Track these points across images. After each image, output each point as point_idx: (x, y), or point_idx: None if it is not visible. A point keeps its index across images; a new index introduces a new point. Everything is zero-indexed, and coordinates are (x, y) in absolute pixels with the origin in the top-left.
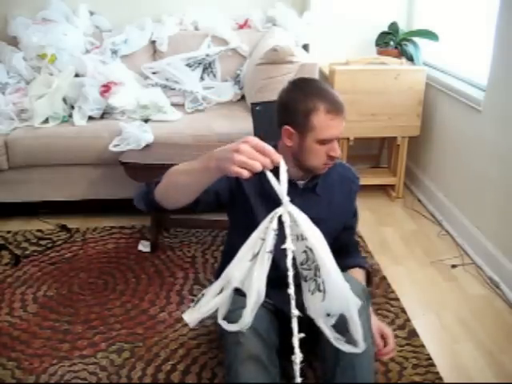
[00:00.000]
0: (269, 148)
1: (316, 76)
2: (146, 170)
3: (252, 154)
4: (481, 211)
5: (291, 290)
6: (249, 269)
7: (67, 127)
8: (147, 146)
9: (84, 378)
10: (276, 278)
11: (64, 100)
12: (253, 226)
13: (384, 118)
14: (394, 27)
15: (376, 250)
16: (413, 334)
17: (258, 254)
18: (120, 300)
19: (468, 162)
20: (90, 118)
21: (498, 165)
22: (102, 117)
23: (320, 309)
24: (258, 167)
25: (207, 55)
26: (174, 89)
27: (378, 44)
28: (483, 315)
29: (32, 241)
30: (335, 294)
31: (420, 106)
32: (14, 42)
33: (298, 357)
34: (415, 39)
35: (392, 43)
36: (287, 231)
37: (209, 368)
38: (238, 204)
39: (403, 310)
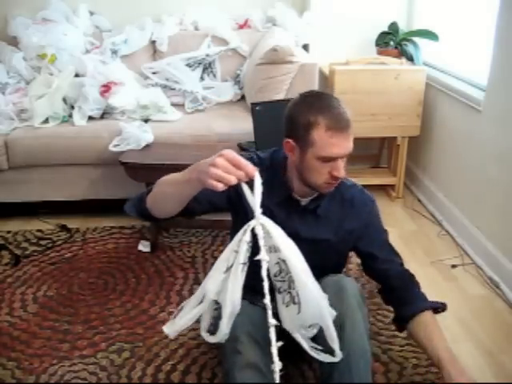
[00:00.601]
0: (244, 162)
1: (316, 76)
2: (146, 170)
3: (227, 168)
4: (481, 211)
5: (267, 300)
6: (223, 281)
7: (67, 127)
8: (147, 145)
9: (84, 378)
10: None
11: (64, 100)
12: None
13: (384, 118)
14: (394, 27)
15: None
16: None
17: (231, 266)
18: (120, 300)
19: (468, 161)
20: (90, 117)
21: (497, 165)
22: (102, 117)
23: (295, 321)
24: (233, 180)
25: (207, 55)
26: (174, 89)
27: (377, 44)
28: (483, 315)
29: (32, 241)
30: (310, 306)
31: (420, 106)
32: (14, 41)
33: (277, 365)
34: (415, 39)
35: (392, 43)
36: (261, 243)
37: (209, 368)
38: (237, 207)
39: None
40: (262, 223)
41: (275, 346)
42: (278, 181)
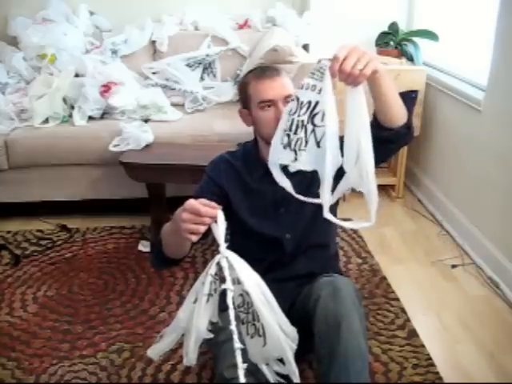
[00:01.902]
0: (203, 209)
1: None
2: (146, 170)
3: (192, 220)
4: (481, 211)
5: (233, 327)
6: (191, 310)
7: (67, 127)
8: (147, 145)
9: (84, 378)
10: (277, 261)
11: (64, 100)
12: (240, 225)
13: None
14: (394, 27)
15: (376, 249)
16: (413, 334)
17: (196, 300)
18: (120, 300)
19: (468, 161)
20: (90, 117)
21: (497, 165)
22: (102, 117)
23: (261, 353)
24: (202, 229)
25: (207, 55)
26: (174, 89)
27: (377, 44)
28: (483, 315)
29: (32, 241)
30: (273, 339)
31: (420, 106)
32: (14, 41)
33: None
34: (415, 39)
35: (392, 43)
36: (225, 273)
37: (209, 368)
38: (230, 210)
39: (403, 310)
40: (226, 256)
41: (241, 367)
42: (253, 160)
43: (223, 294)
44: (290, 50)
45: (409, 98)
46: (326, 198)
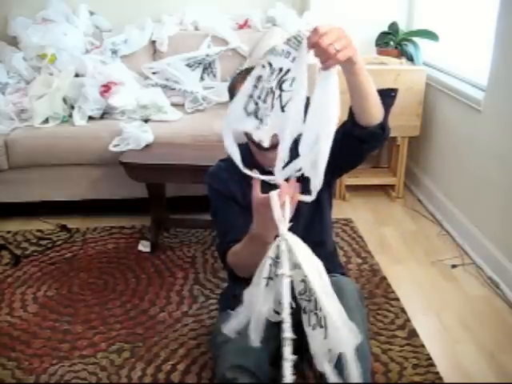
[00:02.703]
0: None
1: (316, 76)
2: (146, 170)
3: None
4: (481, 211)
5: (285, 314)
6: (252, 293)
7: (67, 127)
8: (147, 145)
9: (84, 378)
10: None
11: (64, 100)
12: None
13: None
14: (394, 27)
15: (376, 250)
16: (413, 334)
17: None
18: (120, 300)
19: (468, 161)
20: (90, 117)
21: (497, 165)
22: (102, 117)
23: (322, 347)
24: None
25: (207, 55)
26: (174, 89)
27: (378, 44)
28: (483, 315)
29: (32, 241)
30: (335, 332)
31: (420, 106)
32: (14, 41)
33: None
34: (415, 39)
35: (392, 43)
36: (283, 257)
37: (209, 368)
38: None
39: (403, 310)
40: (286, 238)
41: (289, 360)
42: (249, 163)
43: (229, 288)
44: None
45: (388, 96)
46: (281, 158)
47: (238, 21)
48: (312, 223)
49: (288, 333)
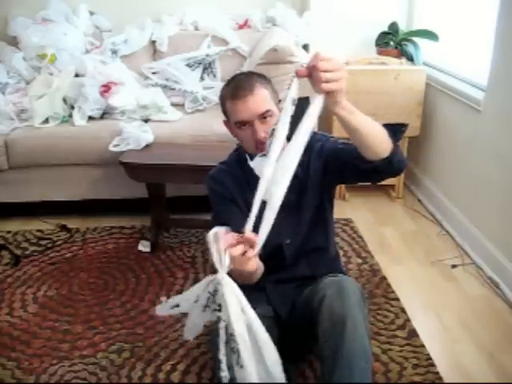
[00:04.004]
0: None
1: None
2: (146, 170)
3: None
4: (481, 211)
5: (221, 356)
6: (190, 307)
7: (67, 127)
8: (147, 145)
9: (84, 378)
10: (278, 267)
11: (64, 100)
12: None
13: (384, 118)
14: (394, 27)
15: (376, 250)
16: (413, 334)
17: (197, 301)
18: (120, 300)
19: (468, 161)
20: (90, 117)
21: (497, 165)
22: (102, 117)
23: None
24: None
25: (207, 55)
26: (173, 89)
27: (378, 44)
28: (483, 315)
29: (32, 241)
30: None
31: (420, 106)
32: (14, 41)
33: None
34: (415, 39)
35: (392, 43)
36: (221, 300)
37: (209, 368)
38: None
39: (403, 310)
40: (221, 284)
41: None
42: (248, 167)
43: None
44: (290, 50)
45: (397, 130)
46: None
47: (238, 21)
48: (315, 230)
49: (224, 372)
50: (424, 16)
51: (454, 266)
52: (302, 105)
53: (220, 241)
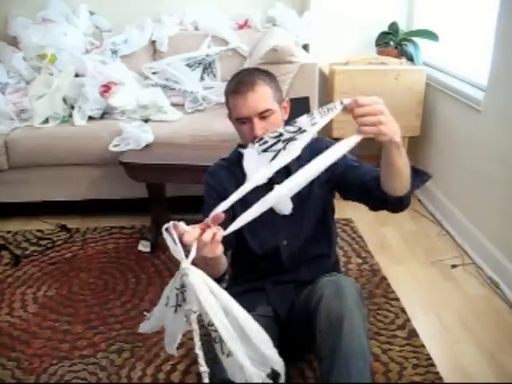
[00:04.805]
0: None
1: (316, 76)
2: (146, 170)
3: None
4: (481, 211)
5: (197, 350)
6: (163, 312)
7: (67, 127)
8: (147, 145)
9: (84, 378)
10: (277, 269)
11: (64, 100)
12: (238, 230)
13: None
14: (394, 27)
15: (376, 250)
16: (413, 334)
17: (167, 304)
18: (120, 300)
19: (468, 161)
20: (90, 117)
21: (497, 165)
22: (102, 117)
23: (240, 373)
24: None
25: (207, 55)
26: (173, 89)
27: (378, 44)
28: (483, 315)
29: (32, 241)
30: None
31: (420, 106)
32: (14, 41)
33: None
34: (415, 39)
35: (392, 43)
36: (188, 292)
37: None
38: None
39: (403, 310)
40: (186, 274)
41: None
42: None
43: (226, 289)
44: (290, 50)
45: (419, 177)
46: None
47: (238, 21)
48: (318, 237)
49: (203, 367)
50: (424, 16)
51: (453, 266)
52: (301, 105)
53: (185, 234)
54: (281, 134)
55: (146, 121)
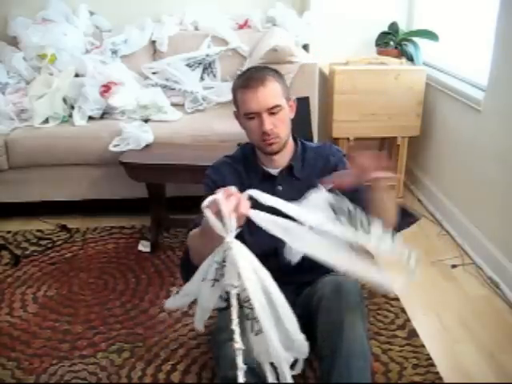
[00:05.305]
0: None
1: (316, 76)
2: (146, 170)
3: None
4: (481, 211)
5: (234, 326)
6: (198, 286)
7: (67, 127)
8: (147, 145)
9: (84, 378)
10: (277, 269)
11: (64, 100)
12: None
13: (384, 118)
14: (394, 27)
15: None
16: (413, 334)
17: (204, 279)
18: (120, 300)
19: (468, 161)
20: (90, 117)
21: (498, 165)
22: (102, 117)
23: (266, 352)
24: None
25: (207, 55)
26: (173, 89)
27: (378, 44)
28: (483, 315)
29: (32, 241)
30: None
31: (420, 106)
32: (14, 41)
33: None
34: (415, 39)
35: (392, 43)
36: (230, 267)
37: (209, 368)
38: None
39: (403, 310)
40: (230, 247)
41: (241, 369)
42: (252, 163)
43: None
44: (290, 50)
45: (406, 219)
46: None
47: (238, 21)
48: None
49: (238, 343)
50: (424, 16)
51: (453, 266)
52: (301, 105)
53: (222, 206)
54: (349, 211)
55: (146, 121)
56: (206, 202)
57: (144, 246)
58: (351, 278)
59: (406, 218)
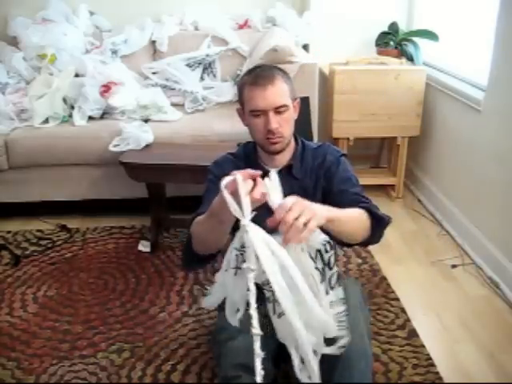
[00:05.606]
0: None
1: (316, 76)
2: (146, 170)
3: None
4: (481, 211)
5: (252, 311)
6: (224, 278)
7: (67, 127)
8: (147, 145)
9: (84, 378)
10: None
11: (64, 100)
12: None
13: (384, 118)
14: (394, 27)
15: (376, 249)
16: (413, 334)
17: (227, 269)
18: (120, 300)
19: (468, 161)
20: (90, 117)
21: (498, 165)
22: (102, 117)
23: (291, 334)
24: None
25: (207, 55)
26: (173, 89)
27: (378, 44)
28: (483, 315)
29: (32, 241)
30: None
31: (420, 106)
32: (14, 41)
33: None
34: (415, 39)
35: (392, 43)
36: (247, 250)
37: (209, 368)
38: None
39: (403, 310)
40: (246, 230)
41: (259, 355)
42: (253, 161)
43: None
44: (290, 50)
45: (380, 223)
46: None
47: (238, 21)
48: None
49: (256, 329)
50: (424, 16)
51: (454, 266)
52: (301, 105)
53: (240, 186)
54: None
55: (146, 121)
56: (224, 181)
57: (144, 246)
58: (353, 280)
59: (379, 225)
